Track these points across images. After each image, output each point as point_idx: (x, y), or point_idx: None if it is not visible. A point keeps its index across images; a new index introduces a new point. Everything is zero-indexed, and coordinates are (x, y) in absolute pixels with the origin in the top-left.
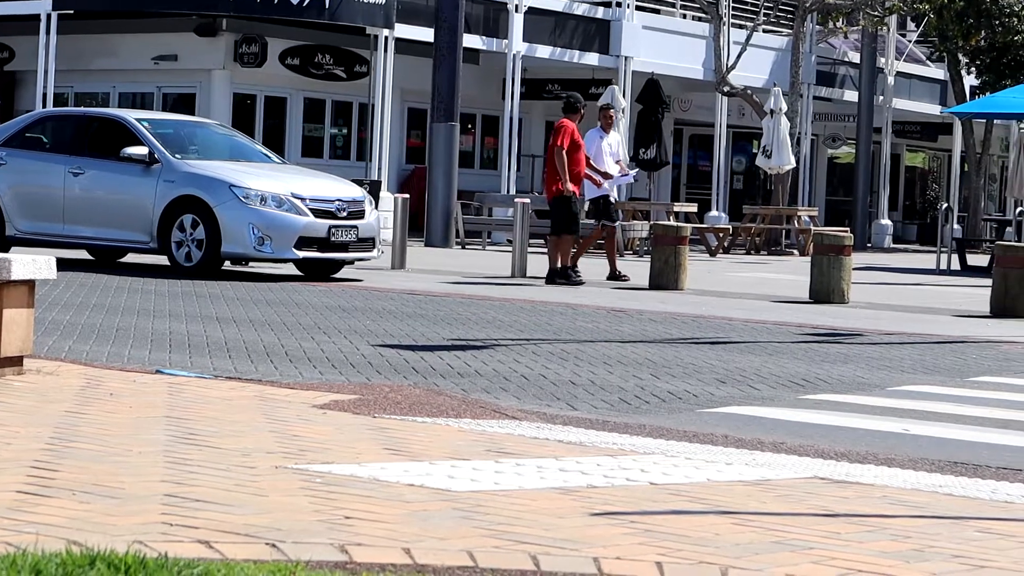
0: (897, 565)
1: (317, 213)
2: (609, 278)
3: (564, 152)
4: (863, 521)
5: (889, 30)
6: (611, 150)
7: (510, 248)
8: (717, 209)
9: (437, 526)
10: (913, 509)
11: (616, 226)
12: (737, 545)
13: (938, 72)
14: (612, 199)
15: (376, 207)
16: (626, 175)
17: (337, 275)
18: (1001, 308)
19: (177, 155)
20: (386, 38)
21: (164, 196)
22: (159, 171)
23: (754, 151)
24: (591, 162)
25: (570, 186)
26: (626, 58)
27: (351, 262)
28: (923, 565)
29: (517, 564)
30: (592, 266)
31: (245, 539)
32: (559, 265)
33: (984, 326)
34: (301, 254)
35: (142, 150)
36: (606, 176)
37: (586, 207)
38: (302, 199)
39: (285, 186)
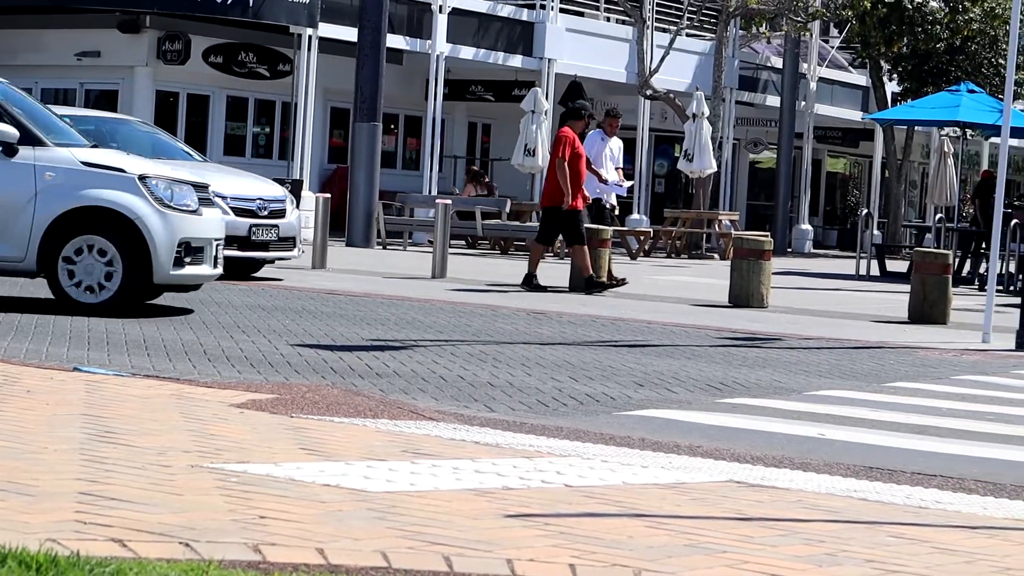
0: (810, 569)
1: (238, 212)
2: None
3: (566, 164)
4: (777, 525)
5: (812, 36)
6: (612, 155)
7: (431, 249)
8: (638, 212)
9: (351, 526)
10: (827, 513)
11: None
12: (651, 548)
13: (860, 78)
14: (607, 204)
15: (297, 206)
16: (620, 186)
17: (257, 274)
18: (919, 314)
19: None
20: (310, 37)
21: None
22: None
23: (676, 155)
24: (591, 164)
25: (570, 201)
26: (549, 60)
27: (272, 261)
28: (836, 570)
29: (431, 565)
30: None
31: (159, 538)
32: (588, 275)
33: (902, 332)
34: None
35: None
36: (602, 180)
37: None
38: (223, 197)
39: None
